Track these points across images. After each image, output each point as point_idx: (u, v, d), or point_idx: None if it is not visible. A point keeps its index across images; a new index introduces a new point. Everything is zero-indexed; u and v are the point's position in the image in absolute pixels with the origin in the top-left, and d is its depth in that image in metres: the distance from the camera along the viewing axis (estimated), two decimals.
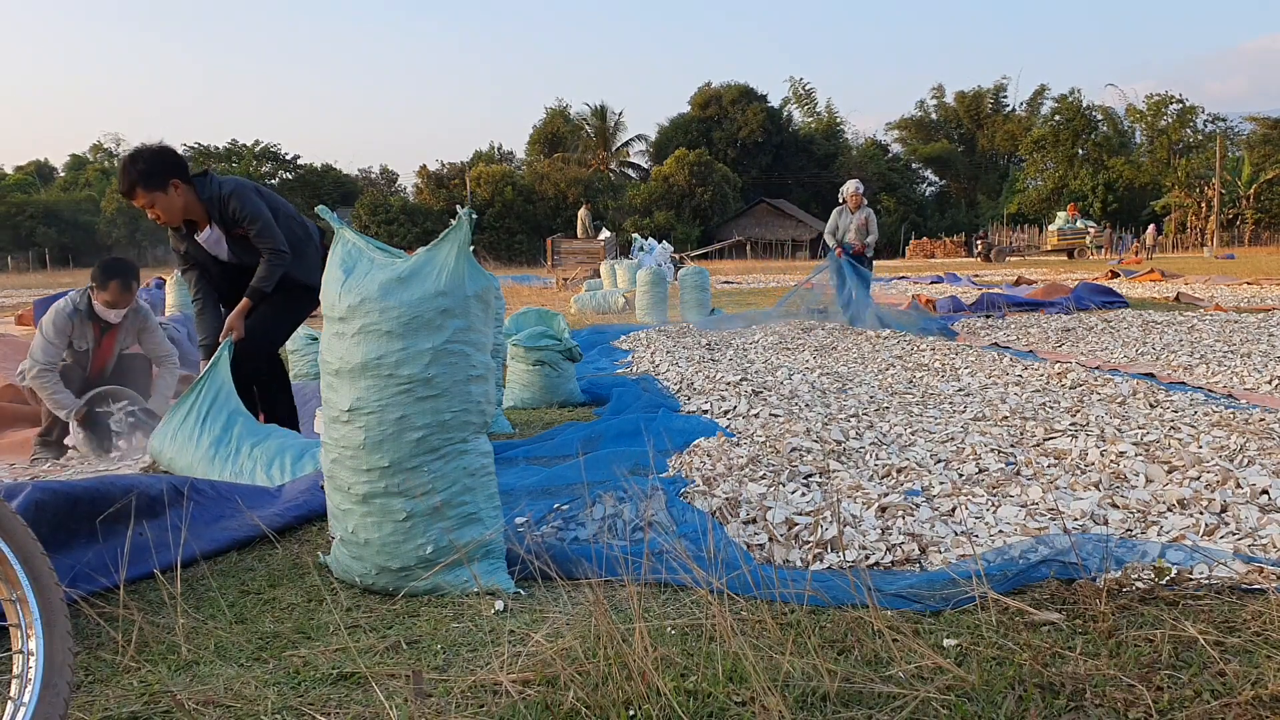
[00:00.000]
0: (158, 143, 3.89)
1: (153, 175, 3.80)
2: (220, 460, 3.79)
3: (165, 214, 3.88)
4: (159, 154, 3.84)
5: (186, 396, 3.97)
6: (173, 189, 3.84)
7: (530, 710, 1.83)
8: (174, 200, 3.86)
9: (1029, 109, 61.03)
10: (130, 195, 3.83)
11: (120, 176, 3.84)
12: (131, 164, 3.81)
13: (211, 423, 3.88)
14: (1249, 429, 4.03)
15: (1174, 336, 8.19)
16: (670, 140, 55.23)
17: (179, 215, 3.93)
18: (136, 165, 3.79)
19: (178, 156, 3.90)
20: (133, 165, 3.80)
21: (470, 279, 2.57)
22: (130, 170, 3.79)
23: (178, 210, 3.90)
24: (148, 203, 3.82)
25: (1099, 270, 21.41)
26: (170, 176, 3.83)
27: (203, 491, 3.15)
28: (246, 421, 3.93)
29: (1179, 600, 2.28)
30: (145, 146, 3.86)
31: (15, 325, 12.11)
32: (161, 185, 3.81)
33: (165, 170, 3.82)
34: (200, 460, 3.82)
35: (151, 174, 3.79)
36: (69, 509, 2.65)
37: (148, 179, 3.79)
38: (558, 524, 3.05)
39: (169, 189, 3.83)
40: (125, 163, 3.82)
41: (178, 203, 3.88)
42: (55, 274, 37.99)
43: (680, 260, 21.37)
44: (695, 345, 8.43)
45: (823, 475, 3.54)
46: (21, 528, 1.61)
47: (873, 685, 1.86)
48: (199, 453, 3.83)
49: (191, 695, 1.94)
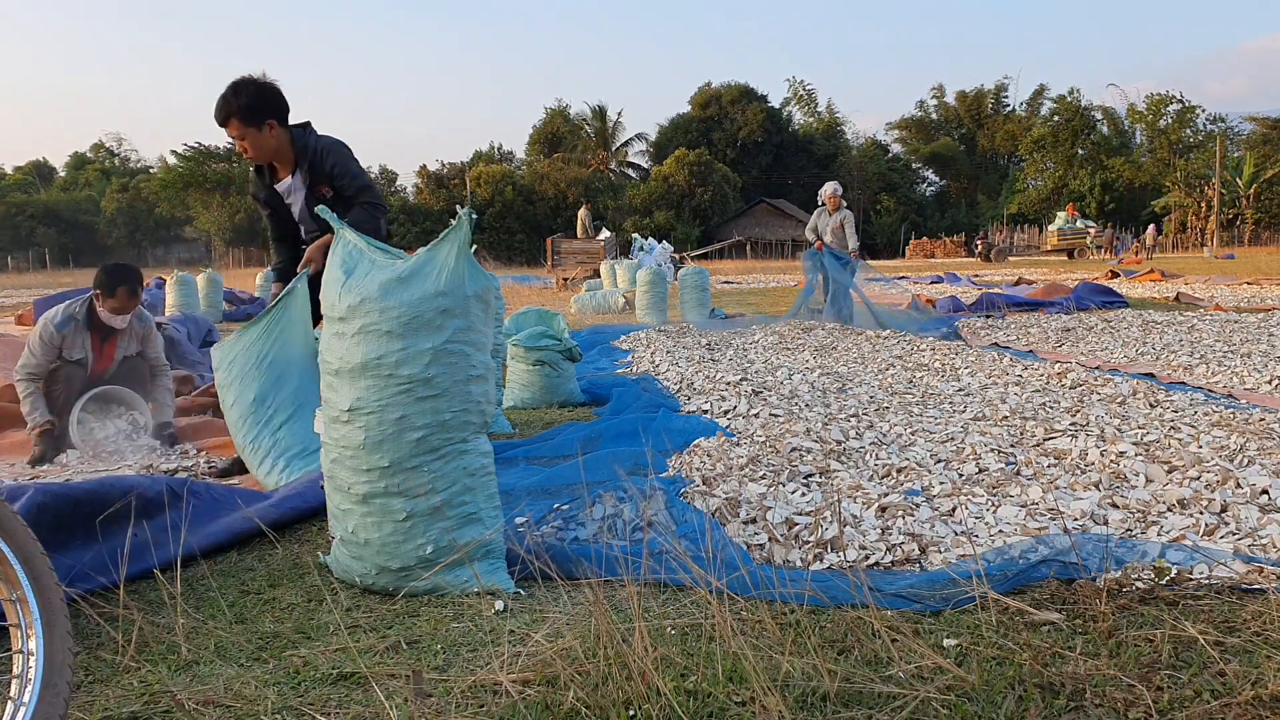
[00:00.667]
0: (263, 76, 3.76)
1: (254, 111, 3.69)
2: (251, 424, 3.67)
3: (254, 151, 3.78)
4: (263, 90, 3.72)
5: (251, 326, 3.77)
6: (268, 129, 3.73)
7: (530, 710, 1.83)
8: (267, 140, 3.75)
9: (1029, 109, 61.04)
10: (225, 124, 3.71)
11: (220, 105, 3.69)
12: (235, 95, 3.67)
13: (259, 372, 3.70)
14: (1249, 429, 4.03)
15: (1174, 336, 8.19)
16: (670, 140, 55.24)
17: (268, 156, 3.82)
18: (240, 98, 3.66)
19: (281, 98, 3.78)
20: (235, 96, 3.66)
21: (470, 279, 2.57)
22: (232, 101, 3.66)
23: (268, 151, 3.79)
24: (239, 135, 3.72)
25: (1099, 270, 21.42)
26: (269, 117, 3.73)
27: (199, 494, 3.15)
28: (303, 374, 3.71)
29: (1179, 600, 2.28)
30: (250, 79, 3.73)
31: (15, 325, 12.11)
32: (258, 123, 3.70)
33: (266, 110, 3.71)
34: (233, 415, 3.71)
35: (253, 110, 3.68)
36: (70, 510, 2.66)
37: (247, 114, 3.68)
38: (558, 524, 3.05)
39: (264, 128, 3.72)
40: (229, 92, 3.68)
41: (270, 144, 3.77)
42: (55, 274, 37.99)
43: (680, 260, 21.37)
44: (695, 345, 8.44)
45: (823, 475, 3.54)
46: (22, 528, 1.61)
47: (873, 685, 1.86)
48: (236, 408, 3.72)
49: (191, 695, 1.94)
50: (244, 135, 3.71)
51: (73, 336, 4.58)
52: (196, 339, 7.94)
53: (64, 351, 4.59)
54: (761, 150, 55.17)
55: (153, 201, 52.33)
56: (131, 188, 55.37)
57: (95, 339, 4.68)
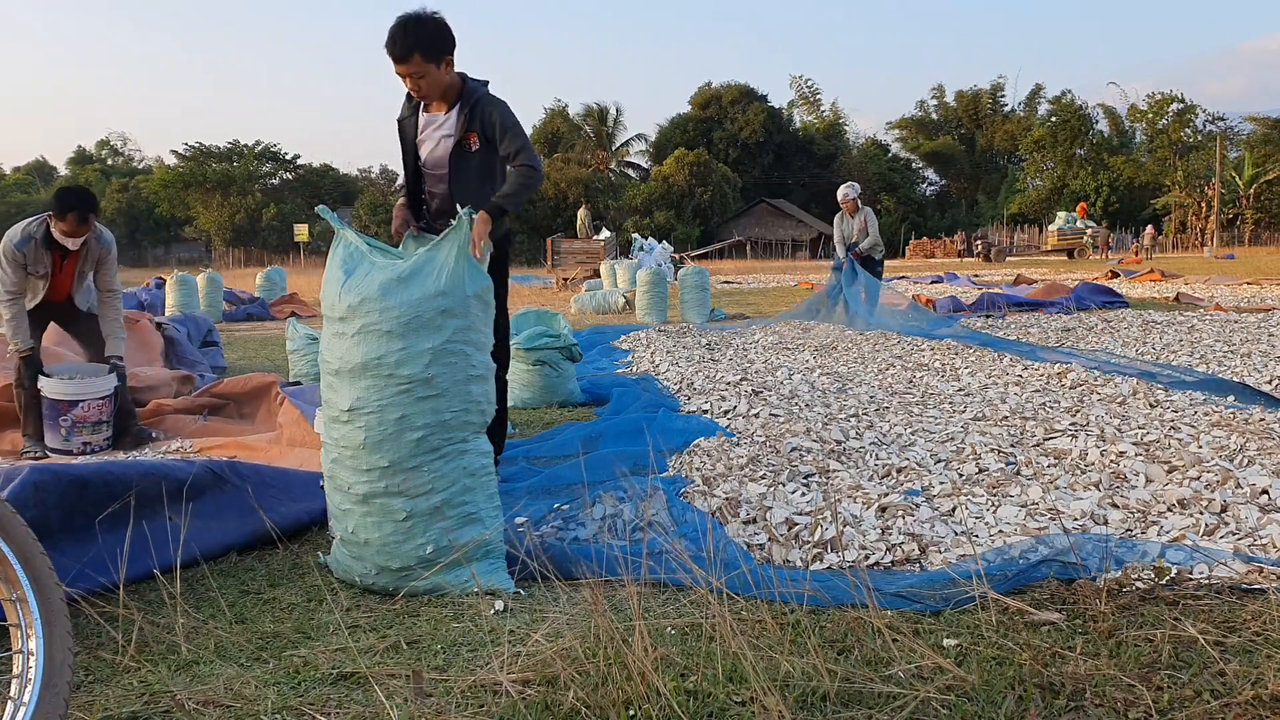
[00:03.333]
0: (435, 12, 3.51)
1: (436, 44, 3.45)
2: None
3: (428, 87, 3.52)
4: (441, 25, 3.50)
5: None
6: (445, 65, 3.50)
7: (530, 710, 1.83)
8: (443, 76, 3.51)
9: (1026, 108, 61.02)
10: (404, 60, 3.43)
11: (399, 38, 3.40)
12: (418, 26, 3.41)
13: None
14: (1249, 429, 4.03)
15: (1174, 336, 8.19)
16: (670, 140, 55.18)
17: (439, 92, 3.59)
18: (424, 29, 3.41)
19: (454, 34, 3.54)
20: (420, 28, 3.41)
21: (470, 279, 2.57)
22: (415, 32, 3.40)
23: (441, 87, 3.56)
24: (418, 72, 3.46)
25: (1099, 270, 21.42)
26: (447, 53, 3.50)
27: (244, 476, 3.11)
28: None
29: (1179, 600, 2.28)
30: (425, 13, 3.49)
31: None
32: (438, 58, 3.46)
33: (445, 44, 3.48)
34: None
35: (434, 43, 3.44)
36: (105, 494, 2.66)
37: (430, 46, 3.43)
38: (558, 524, 3.05)
39: (443, 64, 3.49)
40: (409, 24, 3.40)
41: (444, 80, 3.53)
42: None
43: (680, 260, 21.37)
44: (695, 345, 8.44)
45: (823, 475, 3.54)
46: (22, 528, 1.61)
47: (873, 685, 1.86)
48: None
49: (191, 695, 1.94)
50: (424, 73, 3.46)
51: (34, 254, 4.67)
52: (196, 339, 7.93)
53: (29, 267, 4.69)
54: (762, 150, 55.13)
55: (153, 201, 52.30)
56: (131, 188, 55.35)
57: (55, 257, 4.77)
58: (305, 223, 33.70)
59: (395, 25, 3.41)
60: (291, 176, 55.60)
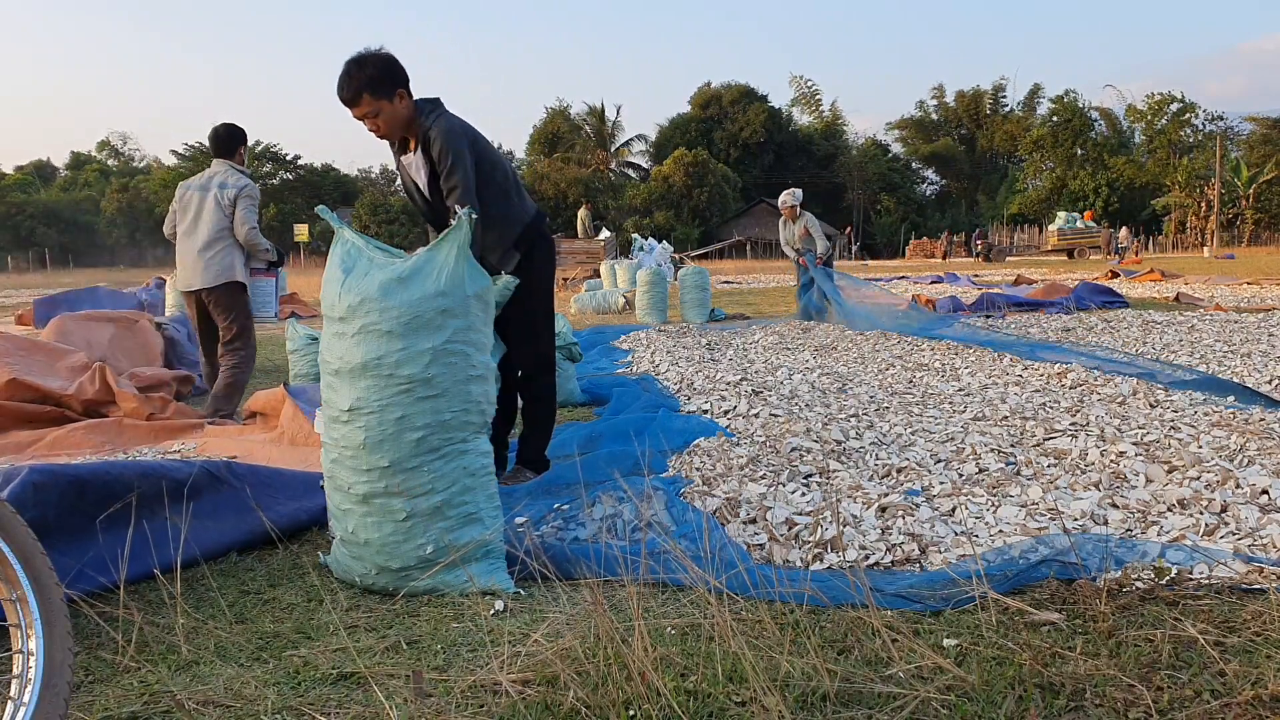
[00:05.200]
0: (380, 49, 3.47)
1: (382, 82, 3.39)
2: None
3: (387, 125, 3.47)
4: (388, 60, 3.44)
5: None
6: (398, 99, 3.44)
7: (530, 710, 1.83)
8: (399, 110, 3.45)
9: (1025, 109, 61.03)
10: (354, 103, 3.40)
11: (345, 83, 3.37)
12: (359, 68, 3.37)
13: None
14: (1249, 429, 4.03)
15: (1174, 336, 8.19)
16: (670, 140, 55.19)
17: (400, 128, 3.52)
18: (365, 70, 3.36)
19: (402, 67, 3.49)
20: (360, 70, 3.36)
21: (470, 279, 2.57)
22: (358, 75, 3.36)
23: (400, 122, 3.48)
24: (371, 112, 3.41)
25: (1099, 270, 21.42)
26: (399, 85, 3.43)
27: (241, 476, 3.10)
28: None
29: (1179, 600, 2.28)
30: (371, 51, 3.44)
31: (15, 325, 12.10)
32: (389, 94, 3.41)
33: (394, 78, 3.43)
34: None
35: (381, 80, 3.39)
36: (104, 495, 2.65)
37: (376, 85, 3.37)
38: (557, 524, 3.05)
39: (395, 98, 3.43)
40: (351, 68, 3.37)
41: (402, 114, 3.46)
42: (55, 274, 37.99)
43: (680, 260, 21.36)
44: (695, 345, 8.44)
45: (823, 475, 3.54)
46: (22, 527, 1.61)
47: (873, 685, 1.86)
48: None
49: (191, 695, 1.94)
50: (377, 110, 3.42)
51: None
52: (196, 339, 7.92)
53: None
54: (763, 150, 55.15)
55: (153, 201, 52.31)
56: (131, 188, 55.38)
57: None
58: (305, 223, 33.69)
59: (341, 72, 3.37)
60: (292, 176, 55.62)
